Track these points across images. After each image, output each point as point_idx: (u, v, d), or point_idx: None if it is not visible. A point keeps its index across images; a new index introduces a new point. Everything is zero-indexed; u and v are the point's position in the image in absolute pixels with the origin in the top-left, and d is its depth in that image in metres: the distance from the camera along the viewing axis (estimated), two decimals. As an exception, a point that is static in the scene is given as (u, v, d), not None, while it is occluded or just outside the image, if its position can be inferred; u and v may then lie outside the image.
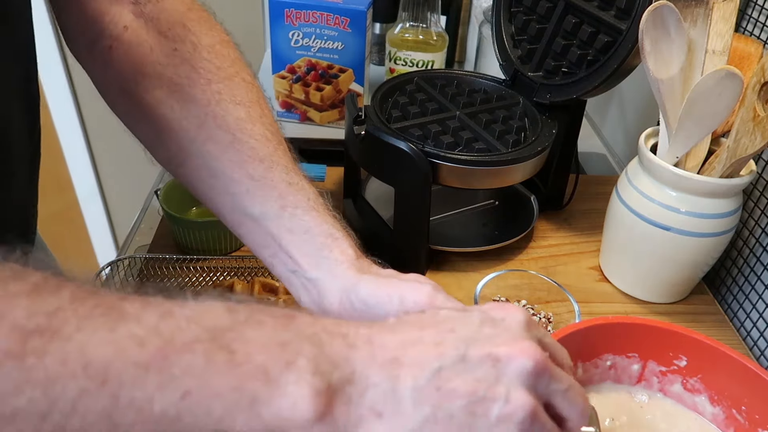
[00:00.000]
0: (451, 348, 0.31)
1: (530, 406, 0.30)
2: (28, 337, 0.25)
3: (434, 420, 0.30)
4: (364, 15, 0.92)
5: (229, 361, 0.28)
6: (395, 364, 0.30)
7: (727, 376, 0.47)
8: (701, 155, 0.64)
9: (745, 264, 0.72)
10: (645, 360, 0.50)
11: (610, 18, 0.67)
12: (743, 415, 0.46)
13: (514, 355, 0.31)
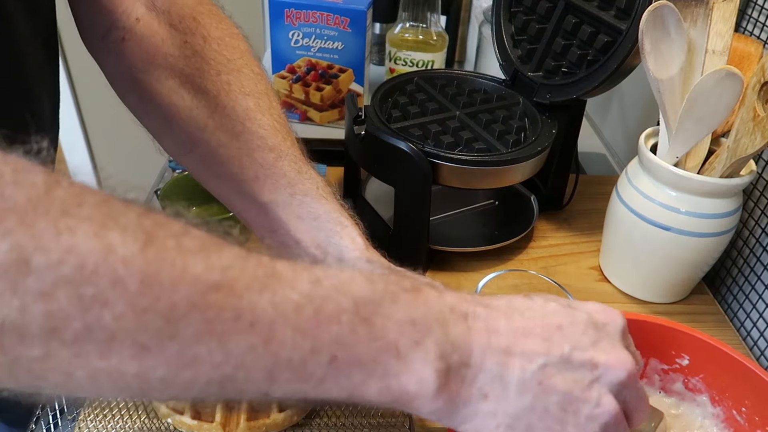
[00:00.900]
0: (557, 347, 0.33)
1: (615, 411, 0.34)
2: (208, 291, 0.27)
3: (531, 409, 0.33)
4: (364, 15, 0.92)
5: (369, 334, 0.30)
6: (507, 354, 0.33)
7: (729, 377, 0.46)
8: (701, 155, 0.64)
9: (745, 264, 0.72)
10: (647, 357, 0.50)
11: (610, 18, 0.67)
12: (743, 416, 0.46)
13: (612, 364, 0.34)
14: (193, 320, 0.26)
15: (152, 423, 0.53)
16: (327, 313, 0.29)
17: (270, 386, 0.29)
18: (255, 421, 0.52)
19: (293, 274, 0.30)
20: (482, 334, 0.33)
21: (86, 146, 1.64)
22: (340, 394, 0.31)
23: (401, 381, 0.31)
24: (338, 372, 0.30)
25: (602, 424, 0.33)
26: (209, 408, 0.53)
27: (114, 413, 0.53)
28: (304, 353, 0.29)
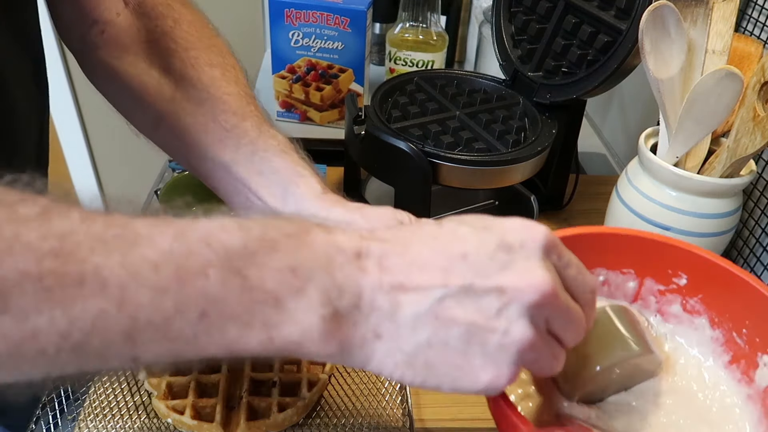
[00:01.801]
0: (458, 277, 0.31)
1: (528, 338, 0.31)
2: (43, 258, 0.26)
3: (428, 345, 0.31)
4: (364, 15, 0.92)
5: (242, 286, 0.29)
6: (399, 290, 0.31)
7: (730, 296, 0.43)
8: (701, 155, 0.64)
9: (746, 264, 0.72)
10: (642, 277, 0.47)
11: (610, 18, 0.67)
12: (744, 338, 0.43)
13: (521, 287, 0.31)
14: (27, 290, 0.25)
15: (152, 423, 0.53)
16: (191, 269, 0.28)
17: (133, 349, 0.28)
18: (255, 421, 0.52)
19: (152, 230, 0.29)
20: (373, 274, 0.31)
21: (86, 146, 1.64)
22: (218, 351, 0.29)
23: (283, 331, 0.30)
24: (211, 328, 0.29)
25: (516, 353, 0.31)
26: (209, 408, 0.53)
27: (114, 413, 0.53)
28: (167, 313, 0.28)
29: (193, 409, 0.52)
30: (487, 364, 0.31)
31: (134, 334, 0.27)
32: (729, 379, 0.44)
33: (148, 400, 0.54)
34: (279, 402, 0.53)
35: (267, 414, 0.52)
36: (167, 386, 0.54)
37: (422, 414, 0.56)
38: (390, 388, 0.57)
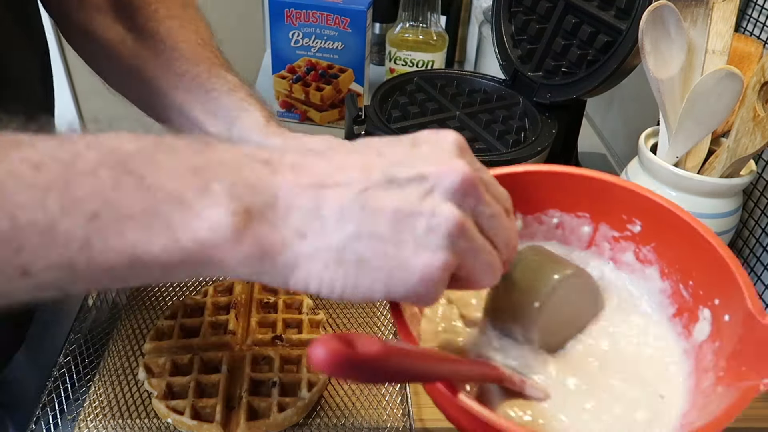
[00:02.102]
0: (378, 171, 0.30)
1: (457, 218, 0.30)
2: None
3: (357, 237, 0.30)
4: (364, 15, 0.92)
5: (138, 185, 0.28)
6: (320, 187, 0.30)
7: (680, 246, 0.42)
8: (701, 155, 0.64)
9: (745, 264, 0.72)
10: (596, 222, 0.46)
11: (610, 18, 0.67)
12: (689, 290, 0.42)
13: (442, 172, 0.30)
14: None
15: (152, 423, 0.53)
16: (78, 169, 0.27)
17: (18, 257, 0.26)
18: (255, 421, 0.52)
19: (36, 138, 0.28)
20: (288, 174, 0.30)
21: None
22: (118, 258, 0.28)
23: (188, 231, 0.28)
24: (105, 231, 0.27)
25: (445, 234, 0.30)
26: (209, 408, 0.53)
27: (114, 413, 0.53)
28: (52, 213, 0.26)
29: (193, 409, 0.52)
30: (419, 249, 0.30)
31: (18, 237, 0.26)
32: (670, 332, 0.43)
33: (148, 400, 0.54)
34: (279, 402, 0.53)
35: (267, 414, 0.52)
36: (167, 386, 0.54)
37: (422, 414, 0.56)
38: (390, 388, 0.57)
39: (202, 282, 0.68)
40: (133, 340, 0.60)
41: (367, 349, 0.25)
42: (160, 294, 0.66)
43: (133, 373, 0.57)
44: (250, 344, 0.58)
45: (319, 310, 0.63)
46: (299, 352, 0.57)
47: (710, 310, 0.40)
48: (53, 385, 0.55)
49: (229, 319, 0.60)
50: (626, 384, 0.40)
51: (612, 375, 0.41)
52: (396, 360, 0.27)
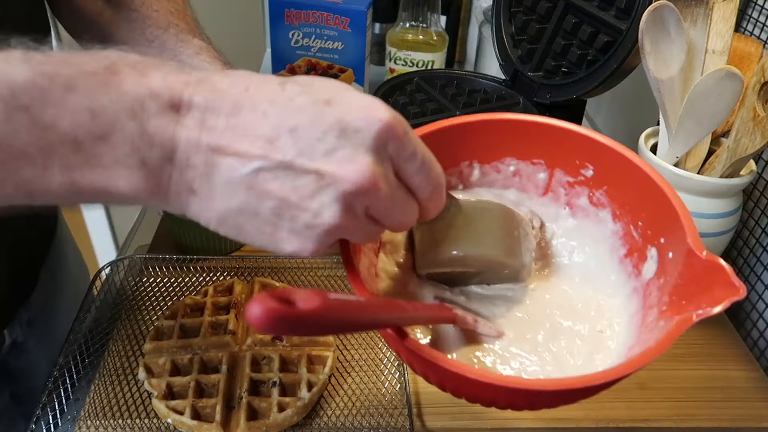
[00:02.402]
0: (279, 152, 0.30)
1: (336, 223, 0.31)
2: None
3: (239, 211, 0.31)
4: (364, 15, 0.92)
5: (31, 124, 0.27)
6: (217, 152, 0.30)
7: (630, 188, 0.43)
8: (701, 155, 0.64)
9: (745, 264, 0.72)
10: (552, 168, 0.46)
11: (610, 18, 0.67)
12: (639, 231, 0.43)
13: (341, 176, 0.30)
14: None
15: (152, 423, 0.53)
16: None
17: None
18: (255, 421, 0.52)
19: None
20: (192, 130, 0.30)
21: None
22: (16, 192, 0.28)
23: (86, 177, 0.29)
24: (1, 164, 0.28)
25: (323, 233, 0.31)
26: (209, 408, 0.53)
27: (114, 413, 0.53)
28: None
29: (193, 409, 0.52)
30: (293, 237, 0.31)
31: None
32: (621, 273, 0.44)
33: (148, 400, 0.54)
34: (279, 402, 0.53)
35: (267, 414, 0.52)
36: (167, 386, 0.54)
37: (422, 414, 0.56)
38: (390, 388, 0.57)
39: (202, 282, 0.68)
40: (133, 340, 0.60)
41: (305, 305, 0.26)
42: (160, 294, 0.66)
43: (133, 373, 0.57)
44: (250, 344, 0.58)
45: (319, 310, 0.63)
46: (299, 352, 0.57)
47: (657, 249, 0.41)
48: (53, 385, 0.55)
49: (229, 319, 0.60)
50: (575, 322, 0.42)
51: (561, 315, 0.42)
52: (335, 314, 0.28)
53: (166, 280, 0.68)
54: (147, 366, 0.56)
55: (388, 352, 0.60)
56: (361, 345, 0.61)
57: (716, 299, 0.33)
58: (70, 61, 0.29)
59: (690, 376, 0.62)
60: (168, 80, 0.30)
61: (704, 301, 0.33)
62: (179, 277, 0.68)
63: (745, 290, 0.32)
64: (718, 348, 0.66)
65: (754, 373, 0.63)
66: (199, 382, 0.54)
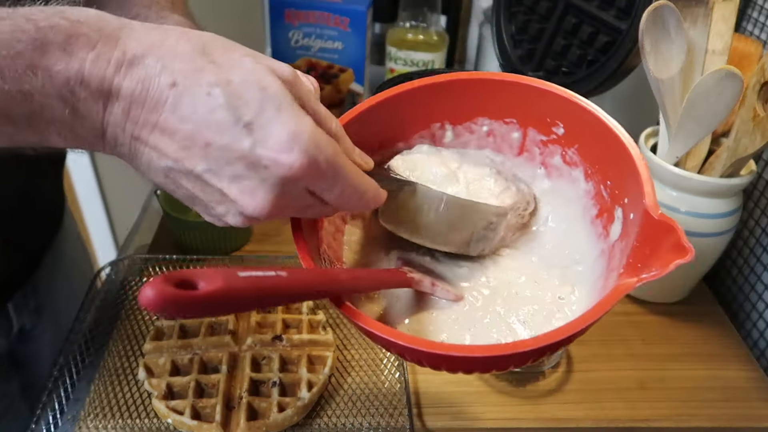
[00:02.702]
0: (190, 162, 0.32)
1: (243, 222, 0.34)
2: None
3: (164, 185, 0.34)
4: (364, 15, 0.92)
5: None
6: (139, 142, 0.32)
7: (599, 146, 0.43)
8: (701, 155, 0.64)
9: (745, 264, 0.72)
10: (525, 128, 0.46)
11: (610, 18, 0.67)
12: (608, 190, 0.43)
13: (241, 205, 0.32)
14: None
15: (152, 423, 0.53)
16: None
17: None
18: (255, 421, 0.52)
19: None
20: (118, 117, 0.31)
21: (86, 146, 1.64)
22: None
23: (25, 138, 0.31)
24: None
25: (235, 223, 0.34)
26: (209, 408, 0.53)
27: (114, 413, 0.53)
28: None
29: (193, 409, 0.52)
30: (211, 218, 0.35)
31: None
32: (591, 234, 0.44)
33: (148, 400, 0.54)
34: (279, 402, 0.53)
35: (267, 414, 0.52)
36: (167, 386, 0.54)
37: (422, 414, 0.56)
38: (390, 388, 0.57)
39: (202, 282, 0.68)
40: (133, 340, 0.60)
41: (206, 287, 0.26)
42: (160, 294, 0.66)
43: (133, 373, 0.57)
44: (250, 344, 0.58)
45: (319, 310, 0.63)
46: (299, 352, 0.57)
47: (622, 210, 0.41)
48: (53, 384, 0.55)
49: (229, 319, 0.60)
50: (537, 290, 0.42)
51: (525, 282, 0.42)
52: (243, 293, 0.28)
53: (166, 280, 0.68)
54: (147, 366, 0.56)
55: (389, 352, 0.60)
56: (361, 345, 0.61)
57: (665, 263, 0.32)
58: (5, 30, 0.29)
59: (690, 376, 0.62)
60: (98, 64, 0.30)
61: (655, 265, 0.33)
62: (179, 277, 0.68)
63: (693, 254, 0.31)
64: (718, 348, 0.66)
65: (754, 373, 0.63)
66: (199, 382, 0.54)
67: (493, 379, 0.60)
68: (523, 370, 0.61)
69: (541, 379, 0.61)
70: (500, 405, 0.58)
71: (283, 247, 0.75)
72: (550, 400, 0.59)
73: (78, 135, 0.32)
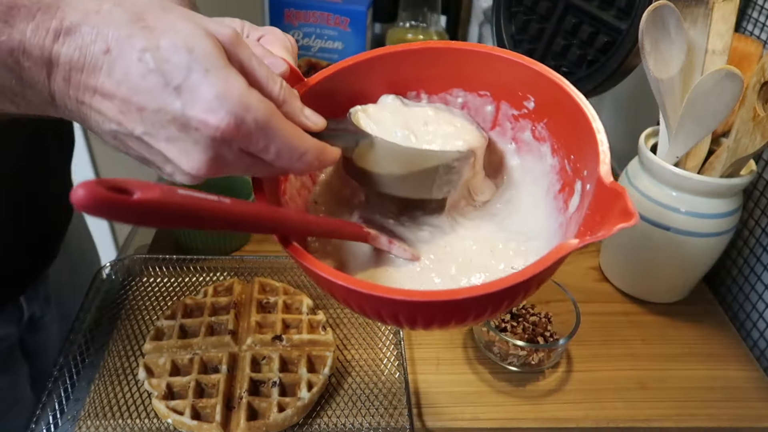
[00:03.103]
0: (130, 124, 0.33)
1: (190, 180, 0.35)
2: None
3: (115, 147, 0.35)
4: (364, 15, 0.92)
5: None
6: (84, 106, 0.33)
7: (564, 118, 0.43)
8: (701, 155, 0.64)
9: (745, 264, 0.72)
10: (498, 101, 0.47)
11: (610, 18, 0.67)
12: (571, 165, 0.44)
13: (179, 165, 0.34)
14: None
15: (152, 423, 0.53)
16: None
17: None
18: (255, 421, 0.52)
19: None
20: (61, 85, 0.33)
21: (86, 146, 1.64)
22: None
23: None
24: None
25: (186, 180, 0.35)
26: (209, 408, 0.53)
27: (114, 413, 0.53)
28: None
29: (193, 409, 0.52)
30: (165, 176, 0.36)
31: None
32: (552, 210, 0.45)
33: (148, 401, 0.54)
34: (279, 402, 0.53)
35: (267, 414, 0.52)
36: (167, 386, 0.54)
37: (423, 414, 0.56)
38: (390, 389, 0.57)
39: (202, 282, 0.68)
40: (133, 340, 0.60)
41: (141, 195, 0.26)
42: (160, 294, 0.66)
43: (133, 373, 0.57)
44: (250, 344, 0.58)
45: (319, 310, 0.63)
46: (299, 352, 0.57)
47: (581, 182, 0.41)
48: (53, 385, 0.55)
49: (229, 319, 0.60)
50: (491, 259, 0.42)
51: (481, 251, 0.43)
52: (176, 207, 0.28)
53: (166, 280, 0.68)
54: (147, 366, 0.56)
55: (389, 352, 0.60)
56: (361, 345, 0.61)
57: (611, 227, 0.32)
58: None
59: (690, 376, 0.62)
60: (38, 34, 0.32)
61: (602, 230, 0.33)
62: (179, 277, 0.68)
63: (637, 219, 0.32)
64: (718, 348, 0.66)
65: (754, 373, 0.63)
66: (199, 382, 0.54)
67: (494, 379, 0.60)
68: (524, 370, 0.61)
69: (541, 379, 0.61)
70: (500, 405, 0.58)
71: (283, 247, 0.75)
72: (550, 400, 0.59)
73: (31, 102, 0.33)
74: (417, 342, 0.64)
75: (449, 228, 0.44)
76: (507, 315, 0.64)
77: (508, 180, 0.48)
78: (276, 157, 0.35)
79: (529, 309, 0.65)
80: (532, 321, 0.63)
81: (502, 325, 0.62)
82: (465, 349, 0.63)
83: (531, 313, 0.65)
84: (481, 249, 0.43)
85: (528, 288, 0.35)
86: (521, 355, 0.59)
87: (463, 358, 0.62)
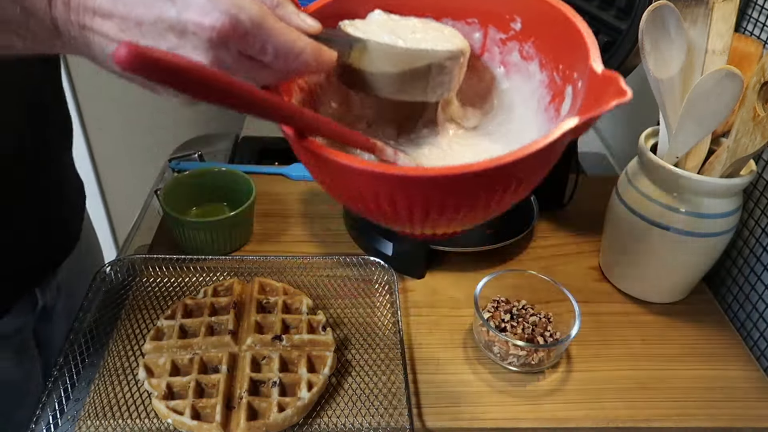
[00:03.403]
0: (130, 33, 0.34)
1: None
2: None
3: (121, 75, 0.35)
4: (364, 15, 0.92)
5: None
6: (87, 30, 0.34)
7: (552, 32, 0.44)
8: (701, 155, 0.64)
9: (745, 264, 0.72)
10: (485, 27, 0.48)
11: (610, 18, 0.67)
12: (560, 74, 0.45)
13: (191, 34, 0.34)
14: None
15: (152, 423, 0.53)
16: None
17: None
18: (255, 421, 0.52)
19: None
20: (61, 11, 0.34)
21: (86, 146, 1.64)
22: None
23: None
24: None
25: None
26: (209, 408, 0.53)
27: (114, 413, 0.53)
28: None
29: (193, 409, 0.52)
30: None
31: None
32: (544, 121, 0.45)
33: (148, 401, 0.54)
34: (279, 402, 0.53)
35: (267, 414, 0.52)
36: (167, 386, 0.54)
37: (423, 414, 0.56)
38: (390, 389, 0.57)
39: (202, 282, 0.68)
40: (133, 340, 0.60)
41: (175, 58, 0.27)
42: (160, 294, 0.66)
43: (133, 373, 0.57)
44: (250, 344, 0.58)
45: (319, 311, 0.63)
46: (299, 353, 0.57)
47: (572, 86, 0.42)
48: (53, 385, 0.55)
49: (229, 319, 0.60)
50: None
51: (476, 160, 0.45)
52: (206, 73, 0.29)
53: (166, 280, 0.68)
54: (147, 366, 0.56)
55: (389, 352, 0.60)
56: (361, 345, 0.61)
57: (606, 104, 0.33)
58: None
59: (690, 376, 0.62)
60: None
61: (598, 108, 0.33)
62: (179, 277, 0.68)
63: (630, 95, 0.32)
64: (718, 348, 0.66)
65: (754, 373, 0.63)
66: (199, 382, 0.54)
67: (493, 379, 0.60)
68: (524, 370, 0.61)
69: (541, 379, 0.61)
70: (500, 405, 0.58)
71: (284, 248, 0.75)
72: (549, 400, 0.59)
73: (36, 35, 0.34)
74: (417, 342, 0.64)
75: (447, 146, 0.46)
76: (507, 315, 0.64)
77: (498, 104, 0.49)
78: (274, 57, 0.35)
79: (529, 309, 0.65)
80: (532, 321, 0.63)
81: (502, 325, 0.62)
82: (465, 349, 0.63)
83: (531, 313, 0.65)
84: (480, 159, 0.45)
85: (536, 166, 0.36)
86: (521, 355, 0.59)
87: (463, 358, 0.62)
